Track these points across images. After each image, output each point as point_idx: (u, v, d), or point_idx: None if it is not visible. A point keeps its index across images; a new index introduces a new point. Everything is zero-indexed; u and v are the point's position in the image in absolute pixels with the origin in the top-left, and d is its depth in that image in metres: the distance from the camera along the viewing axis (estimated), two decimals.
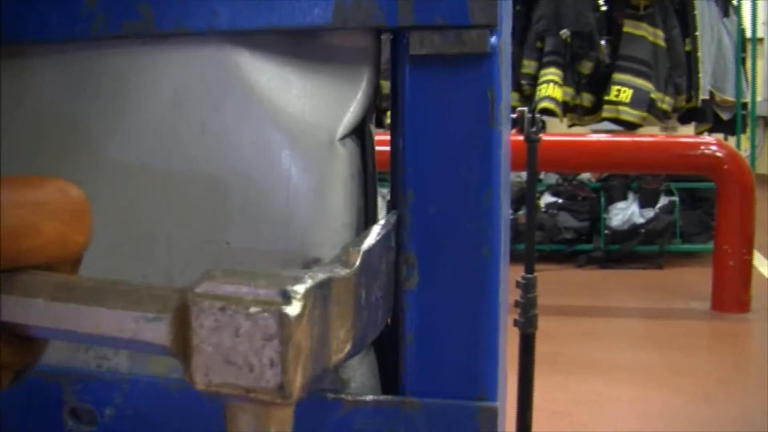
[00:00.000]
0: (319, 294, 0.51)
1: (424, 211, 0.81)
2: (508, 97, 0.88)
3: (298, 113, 0.83)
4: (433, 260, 0.81)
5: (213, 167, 0.84)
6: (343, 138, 0.83)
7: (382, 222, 0.79)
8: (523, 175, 2.51)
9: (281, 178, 0.82)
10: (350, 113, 0.83)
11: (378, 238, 0.73)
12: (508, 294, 1.00)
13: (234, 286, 0.47)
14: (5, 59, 0.88)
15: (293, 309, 0.46)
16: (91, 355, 0.90)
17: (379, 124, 6.31)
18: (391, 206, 0.87)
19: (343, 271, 0.61)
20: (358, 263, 0.65)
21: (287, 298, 0.47)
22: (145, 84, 0.86)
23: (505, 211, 0.84)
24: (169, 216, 0.86)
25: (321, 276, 0.52)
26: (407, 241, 0.81)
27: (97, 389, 0.89)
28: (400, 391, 0.84)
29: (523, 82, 6.69)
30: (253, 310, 0.46)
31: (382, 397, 0.84)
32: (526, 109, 2.40)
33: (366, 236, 0.73)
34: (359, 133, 0.85)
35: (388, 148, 0.92)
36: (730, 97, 7.21)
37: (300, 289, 0.47)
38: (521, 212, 5.59)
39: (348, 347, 0.61)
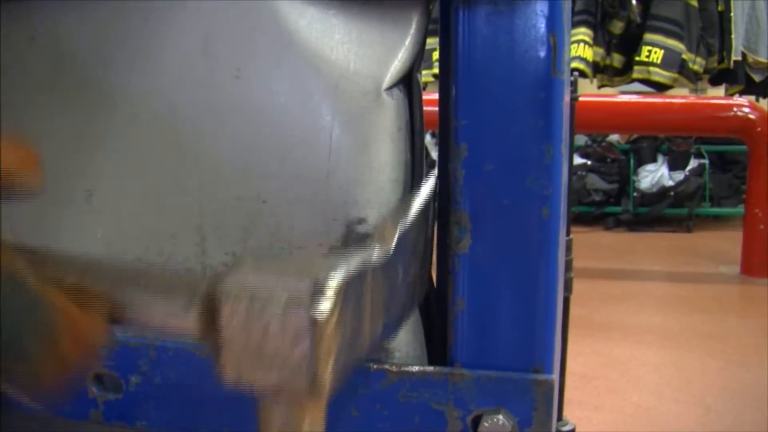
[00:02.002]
0: (353, 284, 0.49)
1: (478, 166, 0.74)
2: (569, 44, 0.81)
3: (342, 60, 0.76)
4: (488, 221, 0.74)
5: (248, 117, 0.78)
6: (390, 88, 0.76)
7: (421, 191, 0.75)
8: None
9: (322, 130, 0.76)
10: (398, 61, 0.77)
11: (417, 210, 0.70)
12: None
13: (263, 278, 0.46)
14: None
15: (324, 306, 0.45)
16: None
17: None
18: (439, 161, 0.80)
19: (379, 253, 0.58)
20: (395, 242, 0.62)
21: (319, 293, 0.45)
22: (174, 29, 0.80)
23: (566, 169, 0.77)
24: (200, 169, 0.80)
25: (354, 264, 0.51)
26: (459, 200, 0.75)
27: (122, 355, 0.85)
28: (449, 362, 0.78)
29: None
30: (283, 306, 0.45)
31: (429, 368, 0.78)
32: None
33: (404, 208, 0.69)
34: (407, 83, 0.79)
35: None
36: (763, 59, 7.08)
37: (332, 283, 0.46)
38: None
39: (383, 331, 0.59)
